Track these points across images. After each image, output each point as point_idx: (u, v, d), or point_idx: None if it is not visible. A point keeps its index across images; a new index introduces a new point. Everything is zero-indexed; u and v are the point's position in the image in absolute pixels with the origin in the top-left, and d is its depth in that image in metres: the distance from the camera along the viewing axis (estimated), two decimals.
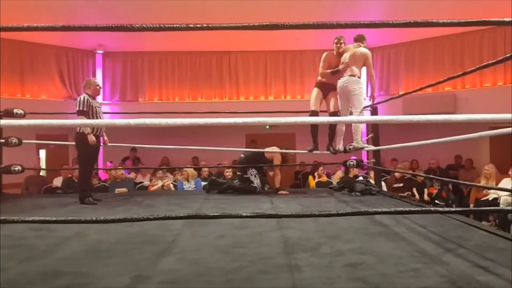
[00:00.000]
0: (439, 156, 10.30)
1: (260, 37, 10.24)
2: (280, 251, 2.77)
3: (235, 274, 2.30)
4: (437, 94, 10.67)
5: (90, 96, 5.33)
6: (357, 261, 2.48)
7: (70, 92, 11.33)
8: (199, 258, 2.62)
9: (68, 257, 2.70)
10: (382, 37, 11.02)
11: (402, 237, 3.09)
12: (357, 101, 5.67)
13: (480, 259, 2.49)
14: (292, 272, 2.32)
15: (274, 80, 12.02)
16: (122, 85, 11.94)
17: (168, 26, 2.09)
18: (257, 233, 3.29)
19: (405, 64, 11.33)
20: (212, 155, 10.50)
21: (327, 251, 2.75)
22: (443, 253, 2.64)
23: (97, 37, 10.72)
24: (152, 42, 10.95)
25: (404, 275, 2.24)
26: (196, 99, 11.90)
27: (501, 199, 6.91)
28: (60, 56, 11.27)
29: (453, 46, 10.63)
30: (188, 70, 11.98)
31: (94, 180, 8.37)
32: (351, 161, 6.62)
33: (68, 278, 2.28)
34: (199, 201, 5.34)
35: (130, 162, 10.88)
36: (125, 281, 2.22)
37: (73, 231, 3.33)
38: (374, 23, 2.29)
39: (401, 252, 2.68)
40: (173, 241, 3.07)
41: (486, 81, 10.32)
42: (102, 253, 2.79)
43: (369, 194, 5.78)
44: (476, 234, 3.23)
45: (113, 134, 9.87)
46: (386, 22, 2.20)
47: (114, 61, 11.94)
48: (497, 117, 2.51)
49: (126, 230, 3.37)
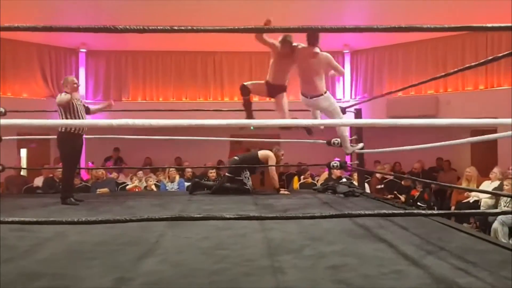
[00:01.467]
0: (421, 159, 10.42)
1: (245, 38, 10.15)
2: (264, 253, 2.77)
3: (218, 276, 2.29)
4: (420, 97, 10.81)
5: (70, 94, 5.28)
6: (340, 263, 2.49)
7: (53, 91, 11.18)
8: (182, 260, 2.60)
9: (48, 258, 2.66)
10: (366, 40, 11.11)
11: (384, 239, 3.11)
12: (335, 114, 5.15)
13: (460, 262, 2.52)
14: (276, 274, 2.32)
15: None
16: (105, 84, 11.83)
17: (152, 28, 2.06)
18: (241, 235, 3.28)
19: (388, 67, 11.44)
20: (196, 155, 10.47)
21: (310, 253, 2.76)
22: (424, 256, 2.67)
23: (80, 36, 10.59)
24: (137, 41, 10.87)
25: (386, 277, 2.26)
26: (180, 99, 11.84)
27: (481, 201, 7.01)
28: (43, 54, 11.12)
29: (435, 50, 10.77)
30: (173, 70, 11.93)
31: (75, 180, 8.29)
32: (334, 163, 6.66)
33: (49, 280, 2.25)
34: (182, 202, 5.30)
35: (112, 162, 10.80)
36: (107, 282, 2.20)
37: (54, 232, 3.28)
38: (358, 28, 2.31)
39: (383, 254, 2.70)
40: (155, 242, 3.05)
41: (467, 85, 10.48)
42: (83, 254, 2.75)
43: (352, 195, 5.81)
44: (457, 236, 3.27)
45: (95, 133, 9.78)
46: (370, 27, 2.22)
47: (98, 60, 11.83)
48: (480, 122, 2.56)
49: (108, 231, 3.33)
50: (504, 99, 9.14)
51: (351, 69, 11.90)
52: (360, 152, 6.29)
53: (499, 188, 6.74)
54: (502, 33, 9.77)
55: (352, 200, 5.49)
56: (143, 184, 7.99)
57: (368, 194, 6.39)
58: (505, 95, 9.53)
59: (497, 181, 7.09)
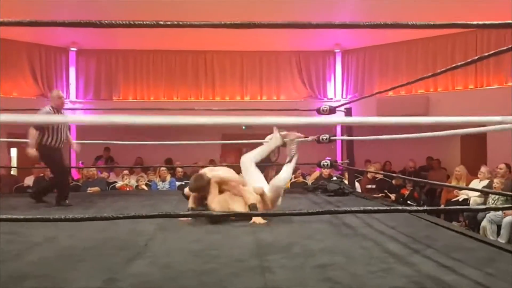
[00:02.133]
0: (412, 158, 10.49)
1: (236, 37, 10.24)
2: (253, 254, 2.78)
3: (207, 277, 2.30)
4: (411, 96, 10.87)
5: (54, 108, 5.29)
6: (328, 262, 2.51)
7: (43, 90, 11.12)
8: (171, 262, 2.60)
9: (38, 261, 2.65)
10: (357, 39, 11.17)
11: (372, 237, 3.14)
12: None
13: (447, 259, 2.55)
14: (264, 273, 2.33)
15: (250, 81, 12.04)
16: (96, 83, 11.79)
17: (138, 23, 2.06)
18: (230, 237, 3.29)
19: (379, 66, 11.50)
20: (187, 155, 10.46)
21: (298, 252, 2.78)
22: (411, 254, 2.69)
23: (70, 34, 10.55)
24: (127, 40, 10.85)
25: (374, 275, 2.28)
26: (171, 99, 11.82)
27: (470, 200, 7.08)
28: (33, 53, 11.06)
29: (426, 49, 10.85)
30: (164, 69, 11.90)
31: None
32: (325, 162, 6.68)
33: (37, 281, 2.24)
34: (173, 203, 5.29)
35: (103, 161, 10.76)
36: (95, 284, 2.19)
37: (44, 237, 3.26)
38: (345, 24, 2.32)
39: (371, 253, 2.72)
40: (145, 245, 3.04)
41: (458, 84, 10.56)
42: (72, 257, 2.74)
43: (342, 194, 5.84)
44: (444, 234, 3.31)
45: (87, 133, 9.77)
46: (357, 24, 2.23)
47: (88, 59, 11.77)
48: (468, 119, 2.58)
49: (98, 236, 3.31)
50: (493, 98, 9.24)
51: (342, 68, 11.95)
52: (350, 149, 6.32)
53: (488, 186, 6.81)
54: (491, 33, 9.87)
55: (341, 199, 5.52)
56: (134, 183, 7.99)
57: (358, 193, 6.43)
58: (495, 94, 9.64)
59: (486, 180, 7.16)
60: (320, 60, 12.09)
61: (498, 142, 9.19)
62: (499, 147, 8.99)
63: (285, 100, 11.63)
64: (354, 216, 3.82)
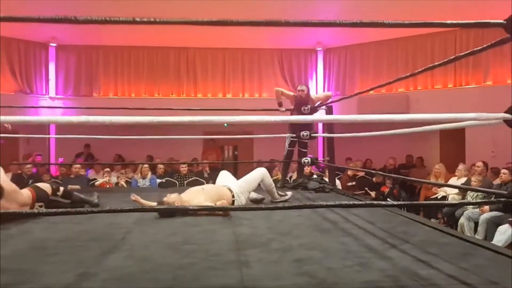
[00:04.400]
0: (392, 156, 10.59)
1: (218, 34, 10.21)
2: (231, 248, 2.77)
3: (183, 271, 2.28)
4: (391, 94, 10.99)
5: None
6: (305, 256, 2.52)
7: (22, 86, 10.96)
8: (147, 255, 2.58)
9: (10, 255, 2.60)
10: (338, 38, 11.23)
11: (350, 233, 3.16)
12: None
13: (423, 254, 2.57)
14: (241, 268, 2.32)
15: (232, 78, 12.03)
16: (76, 79, 11.66)
17: (114, 19, 2.02)
18: (209, 230, 3.28)
19: (360, 65, 11.60)
20: (168, 153, 10.41)
21: (276, 247, 2.77)
22: (388, 248, 2.71)
23: (50, 30, 10.40)
24: (108, 36, 10.73)
25: (350, 269, 2.29)
26: (152, 95, 11.75)
27: (449, 197, 7.18)
28: (11, 48, 10.88)
29: (406, 48, 10.97)
30: (145, 66, 11.82)
31: (45, 176, 8.14)
32: (306, 159, 6.70)
33: (10, 276, 2.20)
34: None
35: (83, 158, 10.64)
36: (69, 278, 2.16)
37: (17, 229, 3.21)
38: (325, 22, 2.32)
39: (348, 247, 2.74)
40: (122, 238, 3.01)
41: (437, 83, 10.71)
42: (46, 250, 2.70)
43: (323, 191, 5.85)
44: (421, 230, 3.33)
45: (66, 129, 9.60)
46: (337, 22, 2.23)
47: (68, 55, 11.63)
48: (446, 116, 2.60)
49: (74, 228, 3.28)
50: (471, 97, 9.39)
51: (324, 66, 12.03)
52: (331, 147, 6.35)
53: (466, 184, 6.91)
54: (470, 33, 10.02)
55: (322, 196, 5.53)
56: (114, 181, 7.92)
57: (338, 190, 6.46)
58: (473, 93, 9.79)
59: (464, 178, 7.28)
60: (302, 58, 12.14)
61: (476, 141, 9.35)
62: (477, 145, 9.14)
63: (267, 97, 11.64)
64: (333, 212, 3.84)
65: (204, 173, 8.94)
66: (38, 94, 11.27)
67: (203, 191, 4.12)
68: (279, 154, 9.63)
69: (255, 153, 11.86)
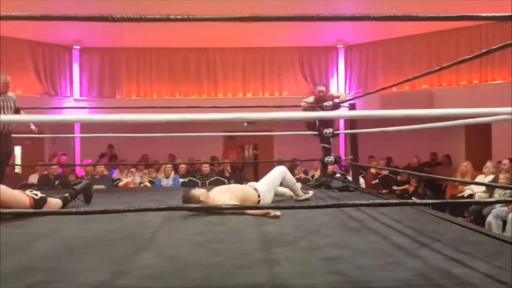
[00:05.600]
0: (416, 154, 10.46)
1: (238, 34, 10.24)
2: (259, 246, 2.77)
3: (214, 269, 2.29)
4: (414, 91, 10.84)
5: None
6: (335, 255, 2.50)
7: (47, 88, 11.16)
8: (177, 254, 2.60)
9: (43, 254, 2.65)
10: (360, 35, 11.14)
11: (379, 231, 3.13)
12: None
13: (455, 253, 2.53)
14: (271, 266, 2.32)
15: (252, 77, 12.04)
16: (99, 81, 11.82)
17: (148, 17, 2.06)
18: (235, 229, 3.29)
19: (382, 62, 11.48)
20: (189, 152, 10.48)
21: (305, 245, 2.77)
22: (419, 247, 2.68)
23: (74, 33, 10.57)
24: (130, 38, 10.84)
25: (381, 268, 2.27)
26: (174, 96, 11.85)
27: (476, 195, 7.05)
28: (36, 51, 11.08)
29: (429, 44, 10.81)
30: (166, 67, 11.92)
31: (71, 177, 8.28)
32: (329, 158, 6.66)
33: (44, 274, 2.24)
34: (177, 198, 5.27)
35: (107, 159, 10.78)
36: (103, 276, 2.19)
37: (49, 228, 3.27)
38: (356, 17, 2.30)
39: (378, 246, 2.71)
40: (151, 237, 3.04)
41: (462, 79, 10.52)
42: (78, 249, 2.75)
43: (347, 190, 5.81)
44: (451, 228, 3.29)
45: (89, 131, 9.76)
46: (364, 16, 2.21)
47: (91, 57, 11.80)
48: (474, 111, 2.56)
49: (104, 227, 3.32)
50: (498, 93, 9.20)
51: (345, 64, 11.94)
52: (354, 145, 6.30)
53: (494, 181, 6.78)
54: (496, 27, 9.82)
55: (346, 195, 5.49)
56: (138, 180, 8.00)
57: (363, 189, 6.40)
58: (499, 89, 9.60)
59: (491, 175, 7.14)
60: (323, 56, 12.08)
61: (502, 138, 9.16)
62: (503, 142, 8.96)
63: (288, 96, 11.63)
64: (359, 211, 3.81)
65: (225, 172, 8.98)
66: (63, 96, 11.47)
67: (228, 191, 4.14)
68: (299, 153, 9.65)
69: (276, 152, 11.84)
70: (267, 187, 4.42)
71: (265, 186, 4.41)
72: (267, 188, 4.40)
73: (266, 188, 4.39)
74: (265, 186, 4.41)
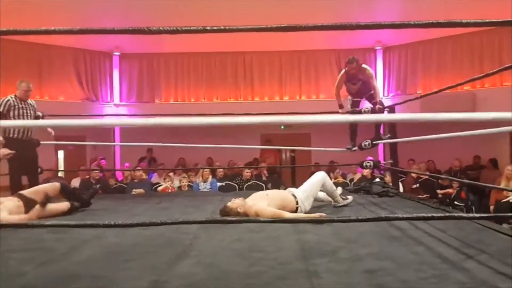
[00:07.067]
0: (458, 157, 10.17)
1: (274, 37, 10.14)
2: (298, 256, 2.74)
3: (253, 279, 2.28)
4: (456, 93, 10.50)
5: (18, 98, 5.37)
6: (376, 267, 2.44)
7: (88, 94, 11.46)
8: (216, 262, 2.61)
9: (86, 260, 2.71)
10: (399, 36, 10.92)
11: (421, 241, 3.04)
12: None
13: (502, 266, 2.43)
14: (311, 278, 2.29)
15: (289, 80, 12.00)
16: (138, 86, 12.06)
17: (185, 28, 2.07)
18: (274, 237, 3.26)
19: (422, 63, 11.21)
20: (227, 156, 10.53)
21: (345, 256, 2.71)
22: (464, 259, 2.59)
23: (114, 39, 10.82)
24: (168, 43, 11.02)
25: (425, 281, 2.20)
26: (211, 100, 11.95)
27: None
28: (78, 58, 11.40)
29: (471, 44, 10.48)
30: (204, 71, 12.04)
31: (111, 180, 8.46)
32: (367, 162, 6.56)
33: (87, 281, 2.29)
34: (215, 203, 5.31)
35: (146, 162, 10.95)
36: (143, 285, 2.22)
37: (91, 234, 3.34)
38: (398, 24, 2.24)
39: (420, 258, 2.63)
40: (189, 244, 3.06)
41: (506, 80, 10.14)
42: (120, 256, 2.79)
43: (387, 196, 5.70)
44: (497, 238, 3.16)
45: (129, 135, 9.97)
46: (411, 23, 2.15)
47: (131, 63, 12.06)
48: None
49: (143, 233, 3.37)
50: None
51: (384, 66, 11.73)
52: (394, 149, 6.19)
53: None
54: None
55: (386, 200, 5.39)
56: (177, 184, 8.09)
57: (402, 194, 6.26)
58: None
59: None
60: (361, 58, 11.79)
61: None
62: None
63: (325, 99, 11.51)
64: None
65: (263, 176, 8.96)
66: (104, 101, 11.76)
67: (267, 197, 4.13)
68: (338, 156, 9.53)
69: (313, 155, 11.75)
70: (306, 193, 4.38)
71: (304, 193, 4.38)
72: (305, 195, 4.37)
73: (304, 195, 4.36)
74: (304, 193, 4.38)
